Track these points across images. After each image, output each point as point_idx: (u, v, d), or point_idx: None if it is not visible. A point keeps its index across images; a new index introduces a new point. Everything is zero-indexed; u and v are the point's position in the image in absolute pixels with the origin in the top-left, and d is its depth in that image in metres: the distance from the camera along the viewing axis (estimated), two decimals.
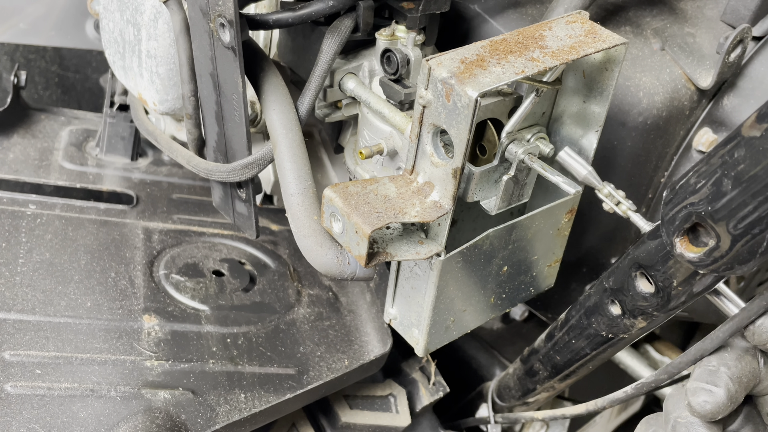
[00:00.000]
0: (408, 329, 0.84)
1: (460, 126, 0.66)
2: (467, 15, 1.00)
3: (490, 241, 0.79)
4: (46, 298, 1.05)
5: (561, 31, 0.73)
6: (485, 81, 0.65)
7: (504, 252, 0.82)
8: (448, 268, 0.77)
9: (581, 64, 0.78)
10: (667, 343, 1.32)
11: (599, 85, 0.77)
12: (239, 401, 0.99)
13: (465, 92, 0.64)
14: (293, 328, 1.14)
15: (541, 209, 0.82)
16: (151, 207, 1.31)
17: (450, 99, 0.66)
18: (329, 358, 1.10)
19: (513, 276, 0.86)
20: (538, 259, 0.87)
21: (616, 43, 0.72)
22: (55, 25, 1.72)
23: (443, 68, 0.66)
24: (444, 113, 0.67)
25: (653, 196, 0.97)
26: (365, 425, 1.14)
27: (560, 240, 0.88)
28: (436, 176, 0.71)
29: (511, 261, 0.84)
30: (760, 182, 0.56)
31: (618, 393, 0.81)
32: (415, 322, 0.82)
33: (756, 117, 0.57)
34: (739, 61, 0.90)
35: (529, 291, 0.91)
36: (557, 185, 0.76)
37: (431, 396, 1.19)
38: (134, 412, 0.93)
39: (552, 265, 0.90)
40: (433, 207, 0.72)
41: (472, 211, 0.88)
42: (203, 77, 0.90)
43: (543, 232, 0.84)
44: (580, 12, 0.77)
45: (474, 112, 0.64)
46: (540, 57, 0.69)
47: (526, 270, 0.87)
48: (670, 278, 0.71)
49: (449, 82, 0.65)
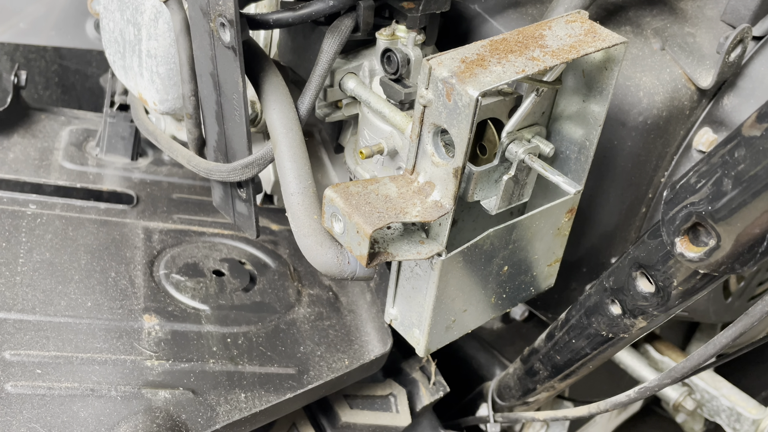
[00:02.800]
0: (409, 329, 0.84)
1: (461, 125, 0.66)
2: (467, 15, 1.00)
3: (491, 241, 0.79)
4: (46, 297, 1.05)
5: (561, 30, 0.73)
6: (486, 80, 0.65)
7: (504, 252, 0.82)
8: (449, 267, 0.77)
9: (581, 64, 0.78)
10: (667, 343, 1.32)
11: (599, 84, 0.77)
12: (239, 401, 0.99)
13: (466, 91, 0.64)
14: (293, 327, 1.14)
15: (541, 209, 0.82)
16: (152, 207, 1.31)
17: (451, 98, 0.66)
18: (329, 357, 1.10)
19: (513, 276, 0.86)
20: (538, 258, 0.87)
21: (616, 42, 0.72)
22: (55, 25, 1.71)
23: (444, 68, 0.66)
24: (445, 113, 0.67)
25: (653, 196, 0.97)
26: (365, 425, 1.14)
27: (560, 239, 0.88)
28: (437, 176, 0.71)
29: (512, 261, 0.84)
30: (761, 182, 0.56)
31: (620, 396, 0.80)
32: (416, 322, 0.82)
33: (756, 117, 0.57)
34: (739, 61, 0.90)
35: (530, 291, 0.90)
36: (557, 185, 0.76)
37: (431, 396, 1.20)
38: (134, 412, 0.93)
39: (552, 265, 0.90)
40: (434, 207, 0.72)
41: (473, 211, 0.88)
42: (203, 77, 0.90)
43: (543, 232, 0.84)
44: (579, 12, 0.77)
45: (475, 112, 0.64)
46: (540, 56, 0.69)
47: (527, 270, 0.87)
48: (670, 278, 0.71)
49: (450, 82, 0.65)
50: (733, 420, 1.22)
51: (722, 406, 1.22)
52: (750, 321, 0.66)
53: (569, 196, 0.82)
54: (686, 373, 0.73)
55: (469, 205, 0.87)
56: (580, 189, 0.79)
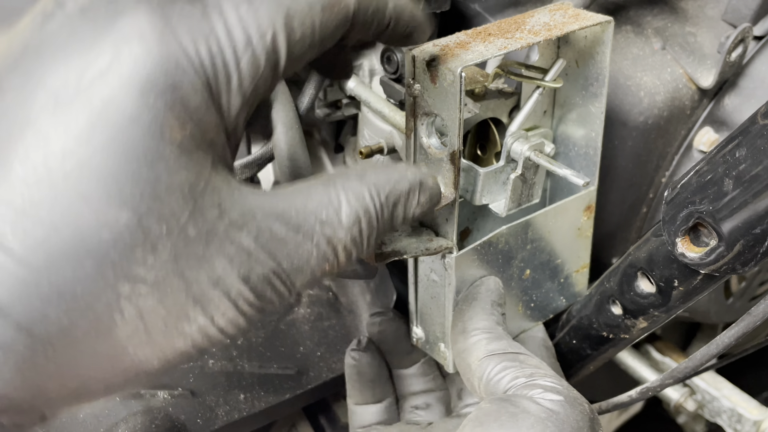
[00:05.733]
0: (434, 346, 0.82)
1: (449, 106, 0.66)
2: (468, 14, 0.99)
3: (506, 239, 0.78)
4: None
5: (544, 17, 0.73)
6: (468, 57, 0.65)
7: (523, 253, 0.81)
8: (464, 267, 0.76)
9: (573, 53, 0.78)
10: (668, 344, 1.32)
11: (593, 71, 0.77)
12: (239, 401, 0.99)
13: (449, 69, 0.64)
14: (293, 328, 1.14)
15: (554, 205, 0.81)
16: None
17: (436, 82, 0.66)
18: (329, 358, 1.10)
19: (538, 282, 0.85)
20: (562, 263, 0.86)
21: (600, 20, 0.72)
22: None
23: (426, 53, 0.66)
24: (433, 97, 0.67)
25: (654, 196, 0.96)
26: None
27: (583, 242, 0.87)
28: (436, 166, 0.71)
29: (533, 264, 0.83)
30: (762, 181, 0.56)
31: (622, 397, 0.80)
32: (440, 335, 0.80)
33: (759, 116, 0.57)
34: (741, 61, 0.89)
35: (561, 300, 0.89)
36: (566, 178, 0.75)
37: None
38: (133, 413, 0.93)
39: (580, 271, 0.89)
40: None
41: (485, 220, 0.87)
42: None
43: (562, 232, 0.83)
44: (563, 1, 0.76)
45: (461, 89, 0.64)
46: (523, 36, 0.69)
47: (552, 275, 0.86)
48: (671, 278, 0.70)
49: (432, 65, 0.65)
50: (734, 421, 1.21)
51: (723, 407, 1.22)
52: (752, 321, 0.65)
53: (583, 192, 0.81)
54: (688, 374, 0.73)
55: (480, 213, 0.86)
56: (589, 181, 0.78)
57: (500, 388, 0.64)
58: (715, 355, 0.69)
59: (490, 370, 0.66)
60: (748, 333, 0.66)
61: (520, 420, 0.58)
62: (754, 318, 0.65)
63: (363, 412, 0.86)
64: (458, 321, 0.73)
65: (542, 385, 0.61)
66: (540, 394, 0.60)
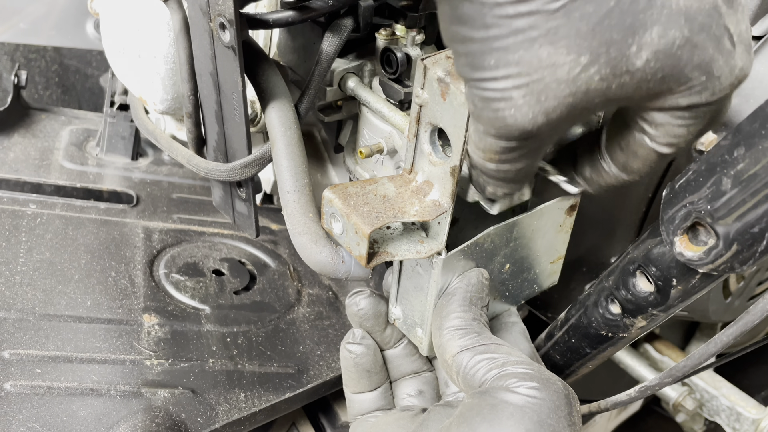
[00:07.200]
0: (412, 329, 0.84)
1: (456, 125, 0.66)
2: None
3: (491, 239, 0.79)
4: (46, 297, 1.05)
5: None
6: None
7: (506, 249, 0.82)
8: (449, 266, 0.77)
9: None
10: (667, 343, 1.32)
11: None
12: (239, 400, 0.99)
13: (460, 90, 0.64)
14: (293, 327, 1.14)
15: (542, 206, 0.81)
16: (152, 206, 1.31)
17: (446, 98, 0.66)
18: (329, 357, 1.10)
19: (516, 273, 0.86)
20: (540, 256, 0.87)
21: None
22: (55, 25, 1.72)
23: (438, 67, 0.66)
24: (440, 112, 0.67)
25: (653, 196, 0.97)
26: None
27: (563, 236, 0.88)
28: (435, 175, 0.71)
29: (513, 258, 0.84)
30: (760, 181, 0.56)
31: (621, 395, 0.80)
32: (419, 321, 0.82)
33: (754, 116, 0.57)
34: None
35: (533, 288, 0.90)
36: (559, 185, 0.76)
37: None
38: (134, 411, 0.93)
39: (555, 262, 0.90)
40: (432, 206, 0.72)
41: (474, 209, 0.88)
42: (203, 76, 0.90)
43: (545, 230, 0.84)
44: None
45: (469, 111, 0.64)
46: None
47: (529, 267, 0.87)
48: (669, 277, 0.71)
49: (445, 81, 0.65)
50: (732, 420, 1.22)
51: (722, 405, 1.22)
52: (751, 319, 0.66)
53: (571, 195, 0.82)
54: (687, 372, 0.73)
55: (469, 204, 0.87)
56: (583, 190, 0.79)
57: (476, 380, 0.67)
58: (714, 354, 0.69)
59: (465, 365, 0.69)
60: (746, 332, 0.67)
61: (500, 410, 0.62)
62: (753, 317, 0.65)
63: (361, 400, 0.88)
64: (437, 316, 0.76)
65: (515, 374, 0.65)
66: (515, 384, 0.64)
